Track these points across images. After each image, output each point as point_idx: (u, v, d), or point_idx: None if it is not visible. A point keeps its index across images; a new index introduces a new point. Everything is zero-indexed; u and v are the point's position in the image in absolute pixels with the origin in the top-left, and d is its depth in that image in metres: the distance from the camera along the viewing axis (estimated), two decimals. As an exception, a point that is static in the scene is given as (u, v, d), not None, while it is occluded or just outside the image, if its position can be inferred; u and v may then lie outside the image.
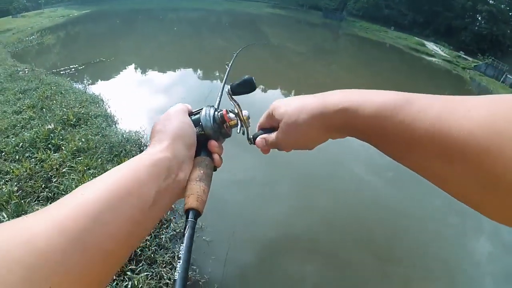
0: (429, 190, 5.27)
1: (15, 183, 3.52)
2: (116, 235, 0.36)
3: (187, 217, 0.45)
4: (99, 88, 7.84)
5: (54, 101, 5.97)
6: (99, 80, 9.14)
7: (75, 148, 4.23)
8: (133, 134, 5.13)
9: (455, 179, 0.33)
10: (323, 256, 3.59)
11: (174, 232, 3.33)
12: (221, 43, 18.33)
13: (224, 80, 0.65)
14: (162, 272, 2.83)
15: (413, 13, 35.22)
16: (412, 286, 3.52)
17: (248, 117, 0.59)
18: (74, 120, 5.17)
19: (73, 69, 9.54)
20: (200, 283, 2.94)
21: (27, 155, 4.09)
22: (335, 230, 3.97)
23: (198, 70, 12.04)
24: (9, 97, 6.19)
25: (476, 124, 0.30)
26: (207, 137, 0.56)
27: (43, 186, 3.56)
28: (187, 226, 0.43)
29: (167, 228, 3.36)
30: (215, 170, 0.57)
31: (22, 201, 3.28)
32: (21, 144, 4.26)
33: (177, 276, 0.36)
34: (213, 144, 0.56)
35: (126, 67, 11.17)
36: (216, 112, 0.58)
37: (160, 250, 3.08)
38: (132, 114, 6.25)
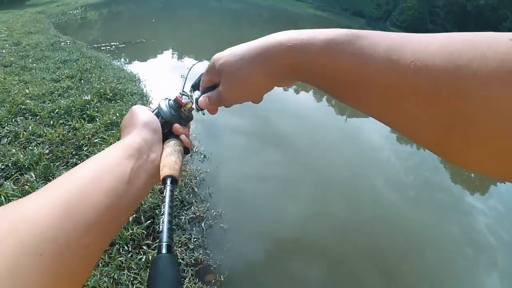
0: (449, 216, 5.15)
1: (47, 147, 3.58)
2: (98, 205, 0.39)
3: (164, 183, 0.49)
4: (137, 68, 7.91)
5: (93, 74, 6.03)
6: (137, 60, 9.19)
7: (109, 121, 4.25)
8: (165, 115, 5.10)
9: (410, 117, 0.31)
10: (330, 264, 3.49)
11: (194, 215, 3.33)
12: (259, 37, 18.26)
13: (182, 87, 0.67)
14: (177, 251, 2.85)
15: (458, 31, 34.08)
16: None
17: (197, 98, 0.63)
18: (111, 94, 5.20)
19: (113, 46, 9.62)
20: (212, 268, 2.93)
21: (61, 121, 4.13)
22: (346, 240, 3.85)
23: (234, 61, 11.93)
24: (49, 65, 6.31)
25: (430, 54, 0.28)
26: (170, 123, 0.61)
27: (73, 152, 3.61)
28: (166, 190, 0.47)
29: (187, 210, 3.36)
30: (187, 152, 0.62)
31: (51, 164, 3.33)
32: (56, 110, 4.31)
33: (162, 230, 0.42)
34: (176, 126, 0.61)
35: (164, 50, 11.19)
36: (170, 101, 0.64)
37: (178, 230, 3.09)
38: (165, 96, 6.23)
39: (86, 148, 3.68)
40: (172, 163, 0.52)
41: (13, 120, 4.01)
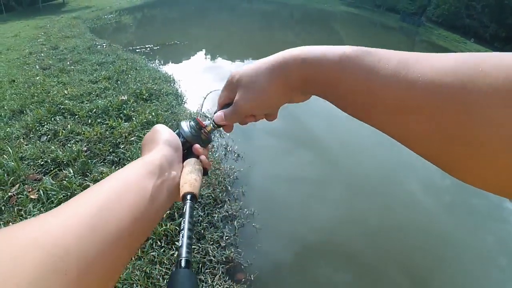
0: (484, 223, 4.89)
1: (85, 144, 3.67)
2: (121, 220, 0.39)
3: (184, 200, 0.49)
4: (171, 69, 8.00)
5: (129, 75, 6.15)
6: (171, 61, 9.31)
7: (145, 120, 4.31)
8: (200, 115, 5.12)
9: (414, 130, 0.32)
10: (358, 269, 3.38)
11: (227, 214, 3.32)
12: (291, 38, 18.22)
13: (201, 108, 0.63)
14: (209, 248, 2.83)
15: (495, 26, 32.92)
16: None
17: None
18: (147, 95, 5.27)
19: (148, 49, 9.79)
20: (242, 267, 2.90)
21: (99, 120, 4.23)
22: (376, 245, 3.71)
23: (266, 61, 11.90)
24: (86, 67, 6.49)
25: (437, 72, 0.29)
26: (191, 144, 0.62)
27: (110, 150, 3.68)
28: (186, 207, 0.48)
29: (220, 208, 3.36)
30: (206, 173, 0.62)
31: (89, 160, 3.41)
32: (94, 110, 4.42)
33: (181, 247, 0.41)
34: (196, 147, 0.61)
35: (197, 52, 11.31)
36: (191, 122, 0.65)
37: (211, 228, 3.09)
38: (200, 97, 6.29)
39: (123, 146, 3.74)
40: (193, 180, 0.52)
41: (52, 119, 4.15)
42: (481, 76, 0.26)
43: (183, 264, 0.38)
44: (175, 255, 2.61)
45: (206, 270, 2.67)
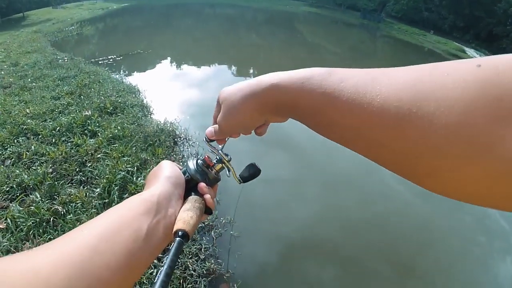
0: (460, 205, 5.05)
1: (50, 165, 3.55)
2: (112, 264, 0.39)
3: (174, 236, 0.48)
4: (136, 79, 7.93)
5: (92, 89, 6.04)
6: (136, 71, 9.22)
7: (110, 135, 4.25)
8: (168, 125, 5.11)
9: (376, 146, 0.33)
10: (343, 262, 3.46)
11: (203, 224, 3.30)
12: (256, 40, 18.29)
13: (221, 148, 0.67)
14: (188, 262, 2.81)
15: (453, 17, 34.02)
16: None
17: (229, 160, 0.65)
18: (111, 108, 5.20)
19: (111, 60, 9.66)
20: (225, 277, 2.90)
21: (63, 139, 4.12)
22: (358, 236, 3.81)
23: (233, 66, 11.94)
24: (48, 83, 6.32)
25: (394, 89, 0.30)
26: (196, 182, 0.61)
27: (77, 169, 3.59)
28: (174, 243, 0.46)
29: None
30: (210, 213, 0.61)
31: (56, 182, 3.31)
32: (58, 128, 4.31)
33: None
34: (201, 185, 0.60)
35: (162, 60, 11.22)
36: (198, 160, 0.64)
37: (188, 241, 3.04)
38: (167, 106, 6.29)
39: (89, 164, 3.67)
40: (188, 218, 0.51)
41: (15, 140, 4.00)
42: (437, 89, 0.27)
43: None
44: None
45: (188, 286, 2.65)
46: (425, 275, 3.50)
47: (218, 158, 0.65)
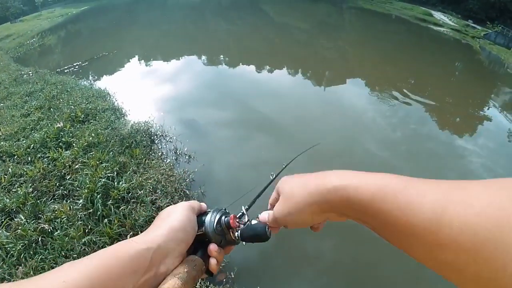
0: (444, 163, 5.21)
1: (30, 185, 3.52)
2: None
3: None
4: (104, 83, 7.88)
5: (61, 100, 5.96)
6: (104, 75, 9.12)
7: (86, 143, 4.23)
8: (143, 124, 5.10)
9: (451, 269, 0.31)
10: (337, 259, 3.50)
11: None
12: (224, 26, 18.13)
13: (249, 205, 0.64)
14: None
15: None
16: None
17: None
18: (83, 116, 5.15)
19: (77, 67, 9.53)
20: (221, 267, 2.93)
21: (39, 155, 4.08)
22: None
23: (203, 56, 11.82)
24: (16, 101, 6.21)
25: (473, 214, 0.29)
26: (209, 240, 0.54)
27: (57, 184, 3.57)
28: None
29: None
30: (211, 275, 0.55)
31: (38, 201, 3.29)
32: (32, 145, 4.27)
33: None
34: (212, 247, 0.54)
35: (130, 59, 11.11)
36: (223, 217, 0.56)
37: None
38: (140, 105, 6.27)
39: (69, 177, 3.65)
40: (174, 285, 0.46)
41: (-8, 165, 3.93)
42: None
43: None
44: None
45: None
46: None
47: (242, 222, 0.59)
